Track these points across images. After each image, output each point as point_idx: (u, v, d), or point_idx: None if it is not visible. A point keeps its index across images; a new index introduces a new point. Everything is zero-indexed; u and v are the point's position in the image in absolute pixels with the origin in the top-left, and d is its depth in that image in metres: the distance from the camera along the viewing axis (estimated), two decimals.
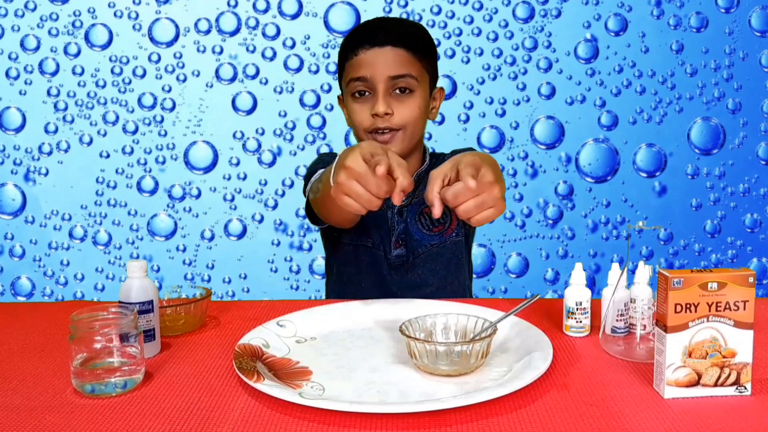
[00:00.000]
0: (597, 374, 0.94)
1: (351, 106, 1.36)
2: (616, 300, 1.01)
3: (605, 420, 0.80)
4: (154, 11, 2.53)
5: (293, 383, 0.90)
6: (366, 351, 1.03)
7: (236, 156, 2.59)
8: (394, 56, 1.32)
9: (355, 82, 1.34)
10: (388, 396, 0.88)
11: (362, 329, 1.11)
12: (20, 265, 2.59)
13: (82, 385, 0.86)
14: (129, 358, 0.88)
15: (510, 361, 0.97)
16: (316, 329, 1.11)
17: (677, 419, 0.80)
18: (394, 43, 1.32)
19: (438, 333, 1.02)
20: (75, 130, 2.56)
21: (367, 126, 1.34)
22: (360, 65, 1.33)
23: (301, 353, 1.02)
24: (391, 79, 1.31)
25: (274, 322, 1.10)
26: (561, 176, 2.62)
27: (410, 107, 1.34)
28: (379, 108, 1.30)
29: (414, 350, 0.93)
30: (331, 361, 0.99)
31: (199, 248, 2.61)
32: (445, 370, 0.92)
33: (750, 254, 2.68)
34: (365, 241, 1.43)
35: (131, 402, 0.85)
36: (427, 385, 0.90)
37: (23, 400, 0.86)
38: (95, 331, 0.87)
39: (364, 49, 1.32)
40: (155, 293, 1.00)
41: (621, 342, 1.01)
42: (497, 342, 1.03)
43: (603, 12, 2.58)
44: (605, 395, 0.87)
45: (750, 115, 2.63)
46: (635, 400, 0.85)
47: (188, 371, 0.95)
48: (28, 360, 1.00)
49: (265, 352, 1.00)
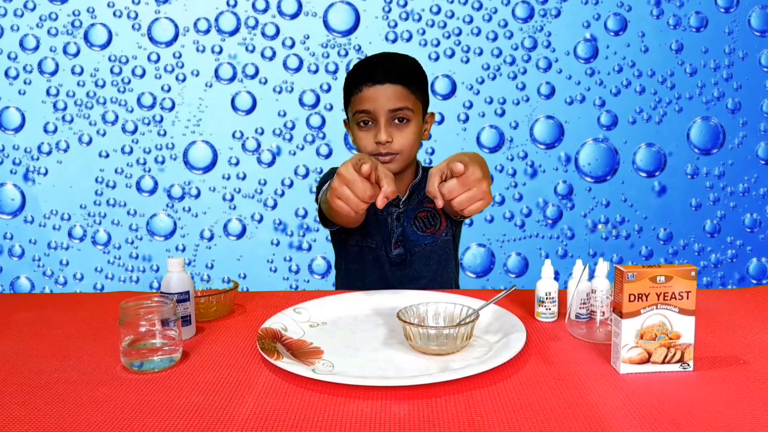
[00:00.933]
0: (563, 353, 1.19)
1: (357, 134, 1.68)
2: (580, 291, 1.28)
3: (571, 392, 1.05)
4: (154, 11, 2.76)
5: (307, 361, 1.15)
6: (369, 334, 1.29)
7: (235, 156, 2.82)
8: (393, 92, 1.64)
9: (360, 114, 1.65)
10: (387, 372, 1.12)
11: (366, 315, 1.39)
12: (19, 265, 2.82)
13: (130, 362, 1.11)
14: (169, 340, 1.14)
15: (490, 342, 1.23)
16: (327, 315, 1.39)
17: (631, 391, 1.06)
18: (392, 80, 1.64)
19: (429, 318, 1.28)
20: (74, 130, 2.78)
21: (371, 151, 1.66)
22: (364, 100, 1.64)
23: (314, 335, 1.28)
24: (391, 111, 1.63)
25: (292, 309, 1.37)
26: (560, 176, 2.85)
27: (406, 135, 1.66)
28: (381, 137, 1.63)
29: (409, 333, 1.19)
30: (339, 342, 1.24)
31: (199, 248, 2.84)
32: (435, 349, 1.18)
33: (749, 254, 2.92)
34: (369, 243, 1.75)
35: (171, 377, 1.11)
36: (420, 363, 1.15)
37: (80, 375, 1.11)
38: (141, 317, 1.13)
39: (368, 86, 1.64)
40: (191, 285, 1.26)
41: (583, 326, 1.28)
42: (480, 326, 1.30)
43: (602, 12, 2.80)
44: (570, 371, 1.12)
45: (749, 114, 2.86)
46: (596, 376, 1.10)
47: (219, 351, 1.21)
48: (84, 341, 1.26)
49: (283, 335, 1.26)
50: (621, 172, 2.86)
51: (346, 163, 1.29)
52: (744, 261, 2.92)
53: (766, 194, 2.89)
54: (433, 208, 1.78)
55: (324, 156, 2.83)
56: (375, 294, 1.49)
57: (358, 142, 1.70)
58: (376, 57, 1.76)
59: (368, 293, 1.50)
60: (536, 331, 1.31)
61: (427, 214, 1.78)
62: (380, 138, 1.63)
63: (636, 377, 1.10)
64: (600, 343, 1.24)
